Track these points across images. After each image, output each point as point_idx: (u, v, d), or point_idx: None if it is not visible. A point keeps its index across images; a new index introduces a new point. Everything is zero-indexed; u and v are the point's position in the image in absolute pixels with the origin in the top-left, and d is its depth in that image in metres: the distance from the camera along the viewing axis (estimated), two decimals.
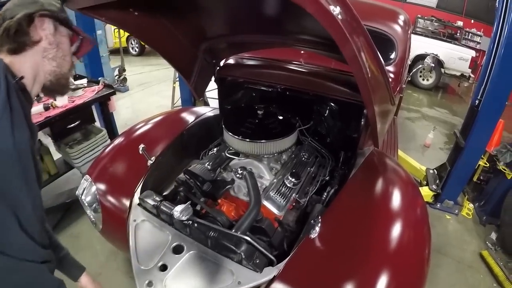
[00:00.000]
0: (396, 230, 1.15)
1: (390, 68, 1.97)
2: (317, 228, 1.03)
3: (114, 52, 7.01)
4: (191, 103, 3.80)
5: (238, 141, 1.43)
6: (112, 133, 2.97)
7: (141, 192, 1.39)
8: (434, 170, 3.01)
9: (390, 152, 2.56)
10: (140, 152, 1.43)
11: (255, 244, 1.03)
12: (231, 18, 1.50)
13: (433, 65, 2.13)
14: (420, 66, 2.41)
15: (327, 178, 1.56)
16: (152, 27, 1.37)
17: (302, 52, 1.92)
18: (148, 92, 5.87)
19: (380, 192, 1.35)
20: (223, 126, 1.51)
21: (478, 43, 7.84)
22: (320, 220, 1.05)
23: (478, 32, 7.90)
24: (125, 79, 5.89)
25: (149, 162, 1.48)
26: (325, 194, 1.45)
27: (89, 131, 2.98)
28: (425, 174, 3.01)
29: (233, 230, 1.09)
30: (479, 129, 2.40)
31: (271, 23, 1.47)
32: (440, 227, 2.62)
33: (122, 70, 5.81)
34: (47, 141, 2.80)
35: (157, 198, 1.27)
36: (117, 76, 5.81)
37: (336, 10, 0.72)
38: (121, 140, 1.75)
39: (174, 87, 4.20)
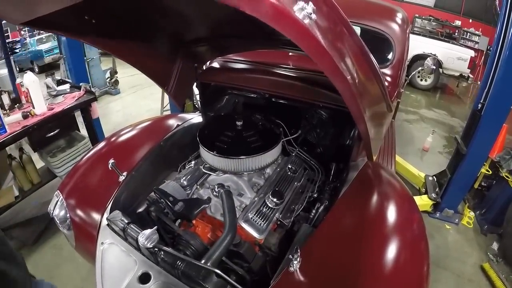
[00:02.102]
0: (391, 250, 1.03)
1: (387, 70, 1.84)
2: (296, 262, 0.91)
3: (107, 53, 6.88)
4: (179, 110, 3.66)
5: (213, 157, 1.29)
6: (96, 140, 2.84)
7: (110, 211, 1.27)
8: (434, 177, 2.88)
9: (387, 157, 2.43)
10: (110, 168, 1.31)
11: (226, 277, 0.90)
12: (210, 20, 1.37)
13: (434, 67, 2.00)
14: (420, 68, 2.27)
15: (316, 195, 1.42)
16: (117, 35, 1.22)
17: (290, 54, 1.79)
18: (140, 95, 5.75)
19: (373, 209, 1.23)
20: (198, 139, 1.37)
21: (477, 42, 7.79)
22: (299, 253, 0.92)
23: (476, 32, 7.85)
24: (116, 82, 5.77)
25: (121, 178, 1.35)
26: (314, 211, 1.32)
27: (73, 138, 2.86)
28: (424, 181, 2.89)
29: (203, 261, 0.96)
30: (482, 134, 2.27)
31: (252, 24, 1.34)
32: (440, 239, 2.50)
33: (113, 72, 5.69)
34: (31, 149, 2.69)
35: (125, 220, 1.14)
36: (109, 79, 5.69)
37: (307, 8, 0.54)
38: (97, 150, 1.63)
39: (163, 91, 4.06)
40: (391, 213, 1.20)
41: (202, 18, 1.30)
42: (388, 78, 1.81)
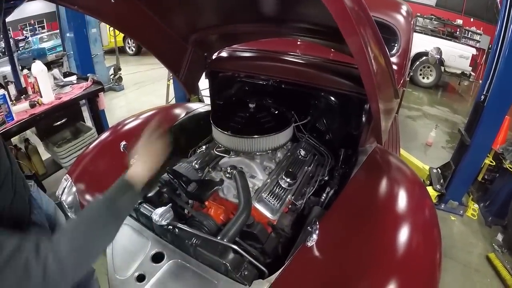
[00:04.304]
0: (403, 234, 1.02)
1: (393, 59, 1.87)
2: (315, 236, 0.91)
3: (111, 52, 6.90)
4: (185, 102, 3.68)
5: (227, 137, 1.29)
6: (102, 131, 2.85)
7: None
8: (438, 169, 2.90)
9: (392, 151, 2.45)
10: (122, 150, 1.31)
11: (243, 253, 0.90)
12: (222, 7, 1.39)
13: (438, 56, 2.01)
14: (425, 57, 2.30)
15: (326, 178, 1.43)
16: (134, 17, 1.26)
17: (299, 42, 1.80)
18: (143, 92, 5.77)
19: (384, 192, 1.23)
20: (211, 120, 1.38)
21: (478, 41, 7.77)
22: (317, 226, 0.92)
23: (478, 31, 7.84)
24: (120, 78, 5.79)
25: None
26: (324, 195, 1.32)
27: (79, 129, 2.87)
28: (429, 173, 2.90)
29: (219, 237, 0.96)
30: (485, 125, 2.29)
31: (265, 10, 1.35)
32: (445, 229, 2.51)
33: (117, 69, 5.72)
34: (36, 140, 2.69)
35: None
36: (112, 75, 5.71)
37: None
38: (106, 137, 1.64)
39: (168, 85, 4.08)
40: (402, 198, 1.19)
41: (216, 3, 1.31)
42: (395, 67, 1.83)
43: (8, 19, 3.85)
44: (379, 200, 1.18)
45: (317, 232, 0.91)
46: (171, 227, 0.97)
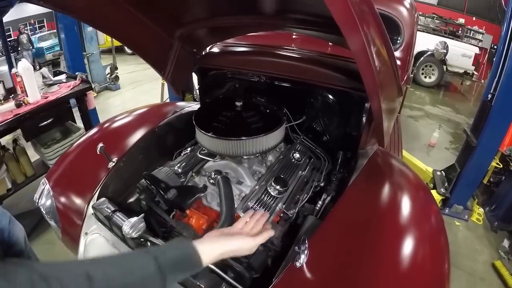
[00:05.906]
0: (408, 246, 0.93)
1: (396, 54, 1.76)
2: (303, 256, 0.80)
3: (109, 51, 6.83)
4: (178, 100, 3.59)
5: (210, 139, 1.17)
6: None
7: (98, 199, 1.17)
8: (442, 171, 2.78)
9: (394, 152, 2.34)
10: (98, 152, 1.20)
11: (220, 273, 0.79)
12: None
13: (444, 51, 1.89)
14: (430, 52, 2.17)
15: (322, 183, 1.32)
16: (111, 12, 1.15)
17: (294, 36, 1.69)
18: (139, 91, 5.70)
19: (387, 199, 1.12)
20: (193, 120, 1.27)
21: (480, 40, 7.68)
22: (307, 245, 0.81)
23: (480, 30, 7.75)
24: (117, 78, 5.71)
25: (110, 164, 1.26)
26: (320, 202, 1.21)
27: (68, 129, 2.78)
28: (432, 176, 2.78)
29: None
30: (492, 125, 2.18)
31: (258, 1, 1.24)
32: (449, 235, 2.33)
33: (114, 68, 5.63)
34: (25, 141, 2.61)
35: (111, 207, 1.04)
36: (109, 75, 5.63)
37: None
38: (88, 137, 1.53)
39: (162, 84, 3.98)
40: (406, 204, 1.09)
41: None
42: (398, 62, 1.72)
43: (8, 19, 3.78)
44: (381, 207, 1.07)
45: (306, 252, 0.80)
46: (142, 240, 0.86)
